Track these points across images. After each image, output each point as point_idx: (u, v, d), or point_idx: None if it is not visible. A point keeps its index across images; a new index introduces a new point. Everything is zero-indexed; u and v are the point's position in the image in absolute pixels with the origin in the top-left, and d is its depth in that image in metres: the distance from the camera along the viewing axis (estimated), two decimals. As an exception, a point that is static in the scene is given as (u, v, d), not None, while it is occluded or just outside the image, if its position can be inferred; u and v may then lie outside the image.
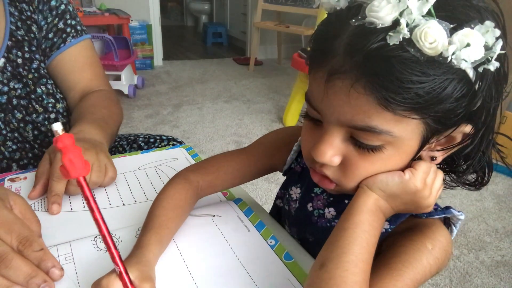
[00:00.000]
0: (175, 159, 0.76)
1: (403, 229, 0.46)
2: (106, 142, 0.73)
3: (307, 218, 0.55)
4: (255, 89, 3.41)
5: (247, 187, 1.87)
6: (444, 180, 0.45)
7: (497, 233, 1.65)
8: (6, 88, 0.76)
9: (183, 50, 4.92)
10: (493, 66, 0.34)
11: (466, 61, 0.33)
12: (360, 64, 0.35)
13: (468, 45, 0.33)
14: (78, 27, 0.87)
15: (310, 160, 0.44)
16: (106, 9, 3.20)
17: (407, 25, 0.33)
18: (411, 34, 0.33)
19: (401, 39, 0.33)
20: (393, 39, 0.33)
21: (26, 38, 0.80)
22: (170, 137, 0.91)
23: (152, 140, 0.90)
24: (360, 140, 0.39)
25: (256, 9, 3.68)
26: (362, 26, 0.35)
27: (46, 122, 0.82)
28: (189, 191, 0.55)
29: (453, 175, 0.46)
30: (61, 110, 0.84)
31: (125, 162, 0.74)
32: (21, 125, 0.78)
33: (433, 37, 0.32)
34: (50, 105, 0.82)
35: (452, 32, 0.33)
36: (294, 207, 0.58)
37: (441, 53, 0.33)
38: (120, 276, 0.39)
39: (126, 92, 2.98)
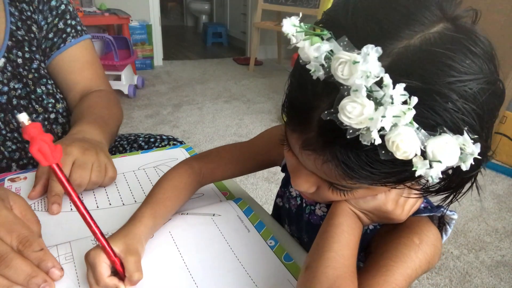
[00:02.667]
0: (175, 159, 0.76)
1: (391, 227, 0.47)
2: (106, 142, 0.73)
3: (301, 215, 0.56)
4: (255, 89, 3.41)
5: (247, 187, 1.87)
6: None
7: (497, 233, 1.65)
8: (6, 88, 0.76)
9: (183, 50, 4.91)
10: (466, 167, 0.31)
11: (433, 178, 0.31)
12: (332, 150, 0.34)
13: (439, 162, 0.30)
14: (78, 27, 0.87)
15: None
16: (106, 9, 3.20)
17: (380, 129, 0.30)
18: (383, 139, 0.30)
19: (372, 141, 0.30)
20: (365, 139, 0.30)
21: (26, 38, 0.80)
22: (170, 137, 0.91)
23: (152, 140, 0.90)
24: (335, 186, 0.40)
25: (256, 9, 3.67)
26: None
27: (46, 122, 0.82)
28: (190, 176, 0.57)
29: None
30: (61, 110, 0.84)
31: (125, 162, 0.74)
32: (21, 125, 0.78)
33: (404, 149, 0.30)
34: (50, 105, 0.82)
35: (427, 136, 0.30)
36: (294, 204, 0.58)
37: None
38: (103, 250, 0.42)
39: (126, 92, 2.98)
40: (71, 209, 0.60)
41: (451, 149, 0.30)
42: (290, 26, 0.33)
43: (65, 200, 0.61)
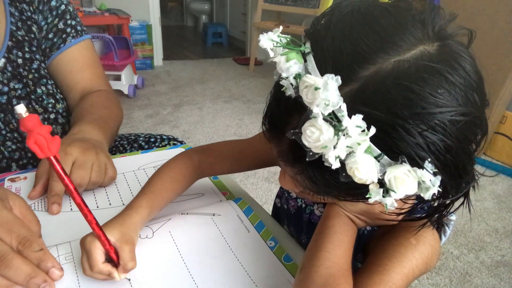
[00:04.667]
0: (175, 159, 0.76)
1: (388, 229, 0.47)
2: (106, 142, 0.73)
3: (301, 215, 0.56)
4: (255, 89, 3.40)
5: (247, 187, 1.87)
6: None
7: (497, 233, 1.65)
8: (6, 88, 0.76)
9: (183, 50, 4.91)
10: (428, 196, 0.30)
11: (387, 206, 0.31)
12: (301, 165, 0.35)
13: (394, 192, 0.30)
14: (78, 27, 0.87)
15: None
16: (106, 9, 3.20)
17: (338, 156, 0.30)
18: (343, 163, 0.31)
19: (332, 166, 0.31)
20: (327, 161, 0.30)
21: (27, 38, 0.80)
22: (170, 137, 0.91)
23: (152, 139, 0.90)
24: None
25: (256, 9, 3.67)
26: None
27: (46, 123, 0.82)
28: (189, 168, 0.58)
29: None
30: (60, 111, 0.84)
31: (125, 162, 0.74)
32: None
33: (360, 176, 0.30)
34: (50, 105, 0.82)
35: (388, 163, 0.30)
36: (294, 205, 0.58)
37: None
38: (99, 239, 0.43)
39: (126, 92, 2.98)
40: (71, 209, 0.60)
41: (408, 180, 0.30)
42: (267, 40, 0.33)
43: (65, 200, 0.61)
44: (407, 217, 0.45)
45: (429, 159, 0.30)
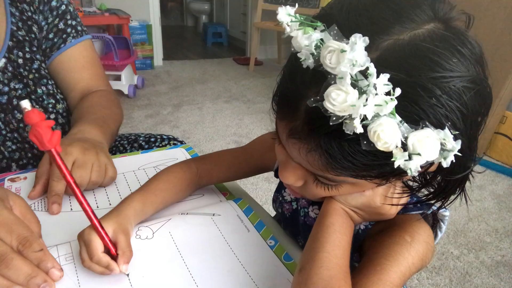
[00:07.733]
0: (175, 159, 0.76)
1: (382, 227, 0.47)
2: (106, 142, 0.73)
3: (296, 219, 0.56)
4: (255, 89, 3.41)
5: (247, 187, 1.87)
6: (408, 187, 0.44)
7: (497, 233, 1.65)
8: (6, 88, 0.76)
9: (183, 50, 4.91)
10: (446, 163, 0.32)
11: (411, 171, 0.31)
12: (316, 138, 0.35)
13: (418, 154, 0.31)
14: (79, 28, 0.88)
15: None
16: (106, 9, 3.20)
17: (363, 119, 0.30)
18: (365, 129, 0.31)
19: (355, 130, 0.31)
20: (348, 128, 0.31)
21: (27, 38, 0.80)
22: (171, 137, 0.91)
23: (153, 139, 0.90)
24: (319, 179, 0.41)
25: (256, 9, 3.68)
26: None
27: (46, 122, 0.82)
28: (186, 173, 0.60)
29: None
30: (61, 111, 0.84)
31: (125, 162, 0.74)
32: (21, 125, 0.78)
33: (385, 140, 0.30)
34: (50, 105, 0.82)
35: (409, 129, 0.31)
36: (289, 208, 0.58)
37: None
38: (95, 229, 0.45)
39: (126, 92, 2.98)
40: (71, 209, 0.60)
41: (431, 143, 0.31)
42: (285, 15, 0.34)
43: (65, 200, 0.61)
44: (410, 203, 0.45)
45: (448, 123, 0.32)
